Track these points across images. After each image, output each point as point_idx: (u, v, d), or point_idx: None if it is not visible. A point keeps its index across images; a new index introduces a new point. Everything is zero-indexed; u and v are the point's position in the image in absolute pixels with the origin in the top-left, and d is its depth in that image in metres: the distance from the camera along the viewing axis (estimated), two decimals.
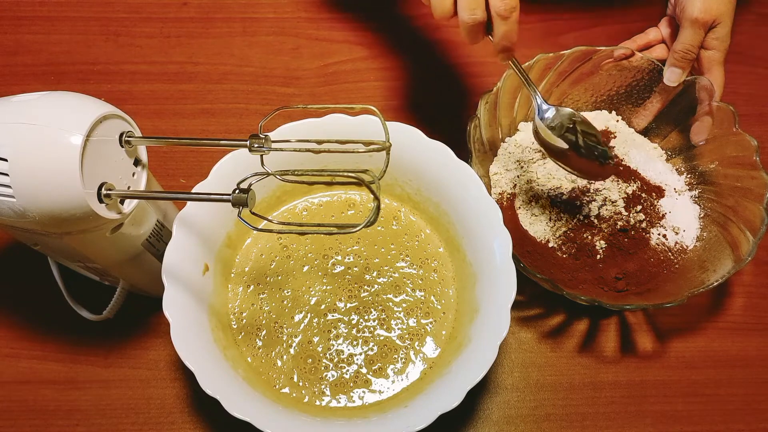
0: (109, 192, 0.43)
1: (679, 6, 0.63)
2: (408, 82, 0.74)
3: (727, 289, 0.64)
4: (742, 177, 0.61)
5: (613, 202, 0.62)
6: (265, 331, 0.56)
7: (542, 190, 0.64)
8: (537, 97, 0.57)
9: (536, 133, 0.58)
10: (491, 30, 0.51)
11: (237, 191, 0.42)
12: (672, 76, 0.63)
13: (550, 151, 0.58)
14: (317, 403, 0.53)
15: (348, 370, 0.54)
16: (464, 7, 0.50)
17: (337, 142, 0.44)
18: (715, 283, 0.55)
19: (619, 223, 0.62)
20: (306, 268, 0.59)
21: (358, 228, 0.42)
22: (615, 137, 0.67)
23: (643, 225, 0.62)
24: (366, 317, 0.57)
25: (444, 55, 0.76)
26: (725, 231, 0.60)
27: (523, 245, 0.62)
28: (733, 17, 0.62)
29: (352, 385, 0.54)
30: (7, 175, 0.41)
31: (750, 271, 0.65)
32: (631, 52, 0.66)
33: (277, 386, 0.54)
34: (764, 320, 0.63)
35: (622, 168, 0.64)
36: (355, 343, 0.56)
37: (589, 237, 0.62)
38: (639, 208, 0.62)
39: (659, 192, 0.64)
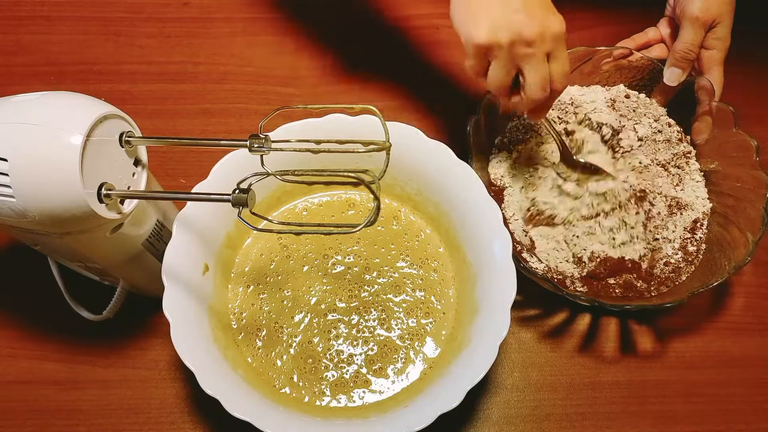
0: (109, 192, 0.43)
1: (679, 6, 0.63)
2: (408, 82, 0.74)
3: (727, 289, 0.64)
4: (742, 177, 0.61)
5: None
6: (265, 331, 0.56)
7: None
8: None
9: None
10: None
11: (237, 191, 0.42)
12: (672, 76, 0.63)
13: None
14: (317, 403, 0.53)
15: (348, 370, 0.54)
16: (537, 86, 0.52)
17: (336, 142, 0.44)
18: (715, 283, 0.55)
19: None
20: (306, 268, 0.59)
21: (358, 228, 0.42)
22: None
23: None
24: (366, 317, 0.57)
25: (444, 55, 0.76)
26: (725, 231, 0.60)
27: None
28: (733, 17, 0.62)
29: (352, 385, 0.54)
30: (7, 175, 0.41)
31: (750, 271, 0.65)
32: (630, 51, 0.66)
33: (277, 386, 0.54)
34: (764, 320, 0.63)
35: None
36: (355, 343, 0.56)
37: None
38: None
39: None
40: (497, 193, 0.64)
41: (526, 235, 0.61)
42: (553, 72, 0.52)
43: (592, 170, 0.61)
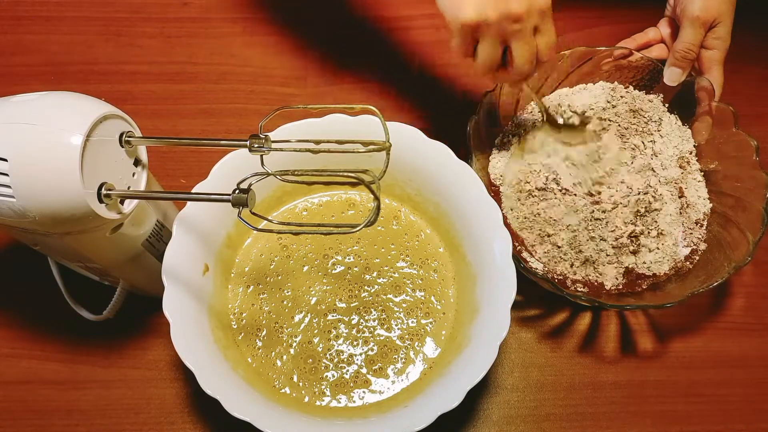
0: (109, 192, 0.43)
1: (679, 6, 0.63)
2: (408, 82, 0.74)
3: (727, 289, 0.64)
4: (742, 177, 0.61)
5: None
6: (265, 332, 0.56)
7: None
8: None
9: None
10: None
11: (237, 191, 0.42)
12: (672, 76, 0.63)
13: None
14: (317, 403, 0.53)
15: (348, 371, 0.54)
16: (527, 60, 0.53)
17: (336, 142, 0.44)
18: (715, 283, 0.55)
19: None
20: (306, 268, 0.59)
21: (358, 228, 0.42)
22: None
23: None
24: (366, 317, 0.57)
25: (444, 55, 0.76)
26: (725, 231, 0.60)
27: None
28: (733, 17, 0.62)
29: (352, 385, 0.54)
30: (7, 175, 0.41)
31: (750, 271, 0.65)
32: (630, 51, 0.66)
33: (277, 386, 0.54)
34: (764, 320, 0.63)
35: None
36: (355, 343, 0.56)
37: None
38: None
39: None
40: (497, 193, 0.64)
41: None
42: (540, 45, 0.53)
43: (575, 128, 0.63)
